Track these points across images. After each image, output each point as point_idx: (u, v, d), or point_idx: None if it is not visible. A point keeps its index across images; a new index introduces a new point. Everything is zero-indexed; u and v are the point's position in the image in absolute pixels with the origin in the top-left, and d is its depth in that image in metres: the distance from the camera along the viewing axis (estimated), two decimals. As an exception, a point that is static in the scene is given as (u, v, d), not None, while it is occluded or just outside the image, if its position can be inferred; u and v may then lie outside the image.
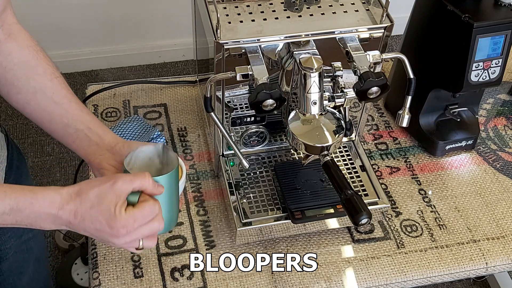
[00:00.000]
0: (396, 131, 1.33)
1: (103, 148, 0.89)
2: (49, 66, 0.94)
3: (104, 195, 0.73)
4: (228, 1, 1.01)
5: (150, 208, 0.75)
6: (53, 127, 0.92)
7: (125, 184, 0.74)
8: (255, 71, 0.92)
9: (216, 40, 0.93)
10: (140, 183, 0.75)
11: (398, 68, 1.32)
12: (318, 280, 1.06)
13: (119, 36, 2.66)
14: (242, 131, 1.13)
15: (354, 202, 0.89)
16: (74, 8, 2.48)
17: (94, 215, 0.72)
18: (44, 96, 0.91)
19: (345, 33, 0.98)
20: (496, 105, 1.41)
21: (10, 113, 2.47)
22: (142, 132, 1.25)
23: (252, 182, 1.12)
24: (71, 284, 1.85)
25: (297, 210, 1.05)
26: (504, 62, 1.16)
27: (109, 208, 0.72)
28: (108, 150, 0.89)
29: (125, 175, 0.76)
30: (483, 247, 1.12)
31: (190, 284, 1.04)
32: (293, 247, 1.10)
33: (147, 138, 1.21)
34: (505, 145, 1.32)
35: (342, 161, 1.18)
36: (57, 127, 0.91)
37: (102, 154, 0.89)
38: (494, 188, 1.23)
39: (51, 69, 0.94)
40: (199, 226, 1.12)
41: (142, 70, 2.75)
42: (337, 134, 0.94)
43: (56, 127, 0.91)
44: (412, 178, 1.24)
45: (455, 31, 1.12)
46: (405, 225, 1.15)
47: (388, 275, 1.07)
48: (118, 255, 1.07)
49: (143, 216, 0.74)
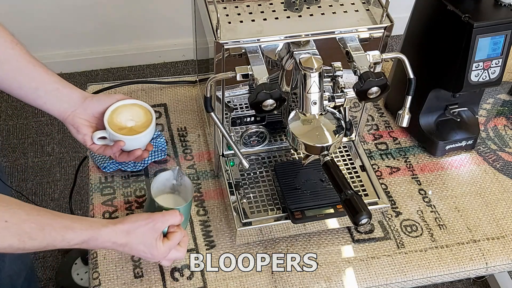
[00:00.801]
0: (396, 131, 1.33)
1: (74, 104, 1.00)
2: (7, 34, 0.97)
3: (148, 232, 0.92)
4: (228, 1, 1.01)
5: (179, 237, 0.97)
6: (23, 93, 0.99)
7: (163, 224, 0.94)
8: (255, 71, 0.92)
9: (216, 40, 0.93)
10: (173, 221, 0.96)
11: (398, 68, 1.32)
12: (318, 280, 1.06)
13: (119, 36, 2.66)
14: (242, 131, 1.13)
15: (354, 202, 0.89)
16: (74, 8, 2.48)
17: (141, 249, 0.93)
18: (10, 65, 0.96)
19: (345, 33, 0.98)
20: (496, 105, 1.41)
21: (10, 113, 2.47)
22: None
23: (252, 182, 1.12)
24: (71, 284, 1.85)
25: (297, 210, 1.05)
26: (504, 62, 1.16)
27: (151, 242, 0.93)
28: (79, 106, 1.00)
29: (160, 215, 0.95)
30: (483, 247, 1.12)
31: (190, 284, 1.04)
32: (293, 247, 1.10)
33: None
34: (505, 145, 1.32)
35: (342, 161, 1.18)
36: (28, 92, 0.98)
37: (73, 109, 1.00)
38: (494, 188, 1.23)
39: (10, 37, 0.97)
40: (199, 226, 1.12)
41: (142, 70, 2.75)
42: (337, 134, 0.94)
43: (27, 92, 0.99)
44: (412, 178, 1.24)
45: (455, 31, 1.12)
46: (405, 225, 1.15)
47: (388, 275, 1.07)
48: (118, 255, 1.07)
49: (174, 243, 0.96)
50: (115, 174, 1.20)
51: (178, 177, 1.07)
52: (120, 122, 1.03)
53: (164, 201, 1.07)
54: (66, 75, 2.67)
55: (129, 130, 1.04)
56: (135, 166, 1.19)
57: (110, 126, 1.01)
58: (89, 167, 1.22)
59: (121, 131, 1.02)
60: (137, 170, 1.20)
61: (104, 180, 1.19)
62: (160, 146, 1.22)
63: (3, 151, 2.31)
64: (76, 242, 0.86)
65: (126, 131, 1.03)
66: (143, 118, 1.06)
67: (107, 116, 1.02)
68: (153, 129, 1.04)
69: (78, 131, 1.02)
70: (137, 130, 1.04)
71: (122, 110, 1.04)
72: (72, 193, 1.37)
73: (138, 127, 1.04)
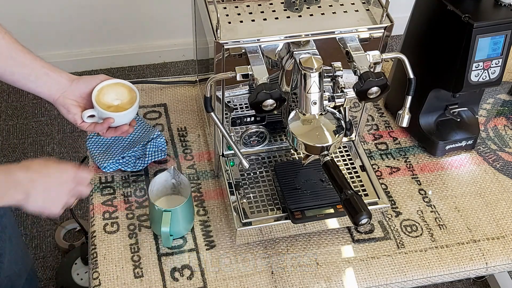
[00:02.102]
0: (396, 131, 1.33)
1: (63, 86, 1.07)
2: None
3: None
4: (228, 1, 1.01)
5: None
6: (15, 78, 1.05)
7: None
8: (255, 71, 0.92)
9: (216, 40, 0.93)
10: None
11: (398, 68, 1.32)
12: (318, 280, 1.06)
13: (119, 36, 2.66)
14: (242, 131, 1.13)
15: (354, 202, 0.89)
16: (74, 8, 2.48)
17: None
18: (2, 55, 1.03)
19: (345, 33, 0.98)
20: (496, 105, 1.41)
21: (10, 113, 2.47)
22: (142, 132, 1.25)
23: (252, 182, 1.12)
24: (71, 284, 1.85)
25: (297, 210, 1.05)
26: (504, 62, 1.16)
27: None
28: (67, 88, 1.07)
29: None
30: (483, 247, 1.12)
31: (190, 284, 1.04)
32: (293, 247, 1.10)
33: (147, 138, 1.22)
34: (505, 145, 1.32)
35: (342, 161, 1.18)
36: (19, 77, 1.05)
37: (63, 91, 1.07)
38: (494, 188, 1.23)
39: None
40: (199, 226, 1.12)
41: (142, 70, 2.75)
42: (337, 134, 0.94)
43: (18, 77, 1.05)
44: (412, 178, 1.24)
45: (455, 31, 1.12)
46: (405, 225, 1.15)
47: (388, 275, 1.07)
48: (118, 255, 1.07)
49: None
50: (115, 174, 1.20)
51: (175, 175, 1.09)
52: (107, 101, 1.09)
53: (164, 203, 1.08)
54: (66, 75, 2.67)
55: (116, 107, 1.09)
56: (135, 166, 1.19)
57: (99, 105, 1.07)
58: (89, 167, 1.22)
59: (109, 109, 1.08)
60: (137, 170, 1.20)
61: (104, 180, 1.19)
62: (160, 146, 1.22)
63: (3, 151, 2.31)
64: None
65: (113, 109, 1.09)
66: (128, 95, 1.11)
67: (94, 96, 1.08)
68: (137, 105, 1.10)
69: (69, 111, 1.08)
70: (123, 107, 1.10)
71: (108, 89, 1.11)
72: (72, 193, 1.36)
73: (124, 104, 1.10)
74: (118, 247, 1.08)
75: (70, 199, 1.00)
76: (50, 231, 2.07)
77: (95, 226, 1.11)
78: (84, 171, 1.01)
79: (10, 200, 0.92)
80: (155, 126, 1.30)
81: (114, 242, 1.09)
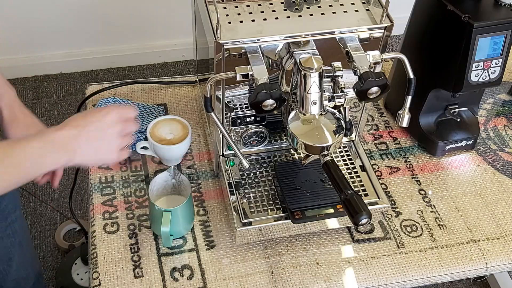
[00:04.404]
0: (396, 131, 1.33)
1: None
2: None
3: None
4: (228, 1, 1.01)
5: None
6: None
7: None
8: (255, 71, 0.92)
9: (216, 40, 0.93)
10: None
11: (398, 68, 1.32)
12: (318, 280, 1.06)
13: (119, 36, 2.66)
14: (242, 131, 1.13)
15: (354, 202, 0.89)
16: (74, 8, 2.48)
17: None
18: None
19: (345, 33, 0.98)
20: (496, 105, 1.41)
21: (10, 113, 2.47)
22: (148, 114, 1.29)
23: (252, 182, 1.12)
24: (71, 284, 1.85)
25: (297, 210, 1.05)
26: (504, 62, 1.16)
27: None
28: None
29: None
30: (483, 247, 1.12)
31: (190, 284, 1.04)
32: (293, 247, 1.10)
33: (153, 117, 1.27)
34: (505, 145, 1.32)
35: (342, 161, 1.18)
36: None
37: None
38: (494, 188, 1.23)
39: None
40: (199, 226, 1.12)
41: (142, 70, 2.75)
42: (337, 134, 0.94)
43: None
44: (412, 178, 1.24)
45: (455, 31, 1.12)
46: (405, 225, 1.15)
47: (388, 275, 1.07)
48: (118, 255, 1.07)
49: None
50: (115, 174, 1.20)
51: (175, 175, 1.10)
52: (161, 135, 1.18)
53: (164, 203, 1.09)
54: (66, 75, 2.68)
55: (168, 141, 1.18)
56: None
57: (152, 138, 1.16)
58: (89, 167, 1.22)
59: (161, 142, 1.17)
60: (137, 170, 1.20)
61: (104, 180, 1.19)
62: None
63: (3, 151, 2.31)
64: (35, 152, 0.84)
65: (165, 142, 1.17)
66: (181, 131, 1.20)
67: (149, 129, 1.18)
68: (189, 140, 1.19)
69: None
70: (174, 142, 1.17)
71: (163, 123, 1.20)
72: (72, 193, 1.36)
73: (176, 139, 1.18)
74: (118, 247, 1.08)
75: (124, 141, 0.93)
76: (50, 231, 2.07)
77: (95, 226, 1.11)
78: (126, 108, 0.94)
79: (55, 164, 0.86)
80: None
81: (114, 242, 1.09)
